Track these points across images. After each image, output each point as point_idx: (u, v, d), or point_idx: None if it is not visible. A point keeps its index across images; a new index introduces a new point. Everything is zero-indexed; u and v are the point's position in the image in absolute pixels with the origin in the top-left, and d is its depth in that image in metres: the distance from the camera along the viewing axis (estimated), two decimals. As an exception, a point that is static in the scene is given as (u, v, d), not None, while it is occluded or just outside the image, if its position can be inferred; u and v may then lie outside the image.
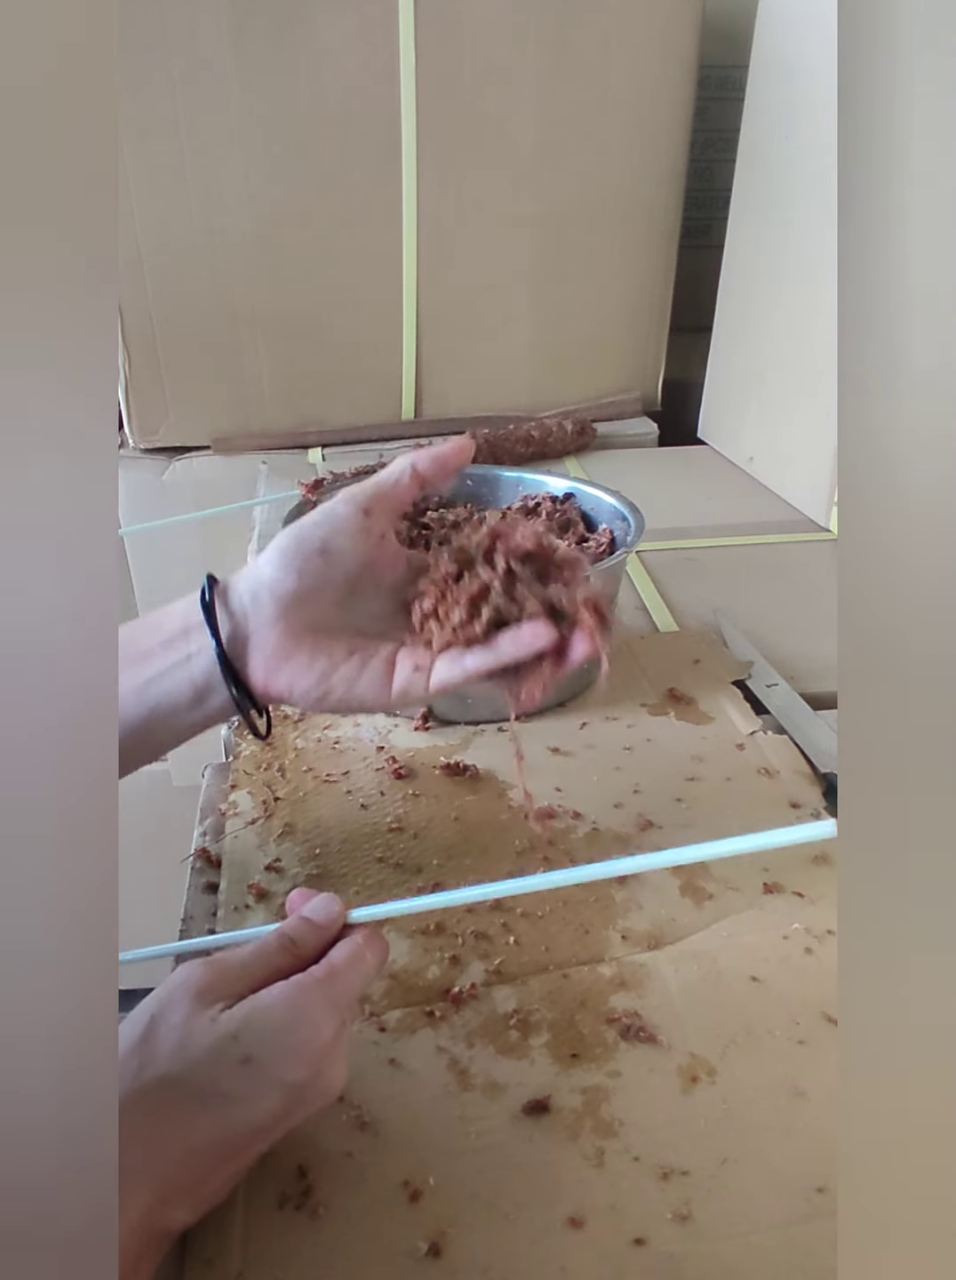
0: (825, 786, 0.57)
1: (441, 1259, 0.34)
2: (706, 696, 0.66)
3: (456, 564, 0.43)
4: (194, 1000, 0.32)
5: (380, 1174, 0.36)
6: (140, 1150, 0.30)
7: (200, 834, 0.55)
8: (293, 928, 0.36)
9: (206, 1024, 0.32)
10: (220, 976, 0.33)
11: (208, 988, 0.33)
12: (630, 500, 0.69)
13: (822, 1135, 0.38)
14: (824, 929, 0.47)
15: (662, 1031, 0.42)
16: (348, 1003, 0.34)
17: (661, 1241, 0.34)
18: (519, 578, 0.42)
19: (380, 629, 0.43)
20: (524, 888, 0.39)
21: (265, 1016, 0.32)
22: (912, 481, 0.24)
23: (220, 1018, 0.32)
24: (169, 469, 1.08)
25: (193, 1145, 0.31)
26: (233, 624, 0.41)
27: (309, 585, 0.41)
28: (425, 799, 0.57)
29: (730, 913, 0.48)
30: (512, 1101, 0.39)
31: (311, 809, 0.56)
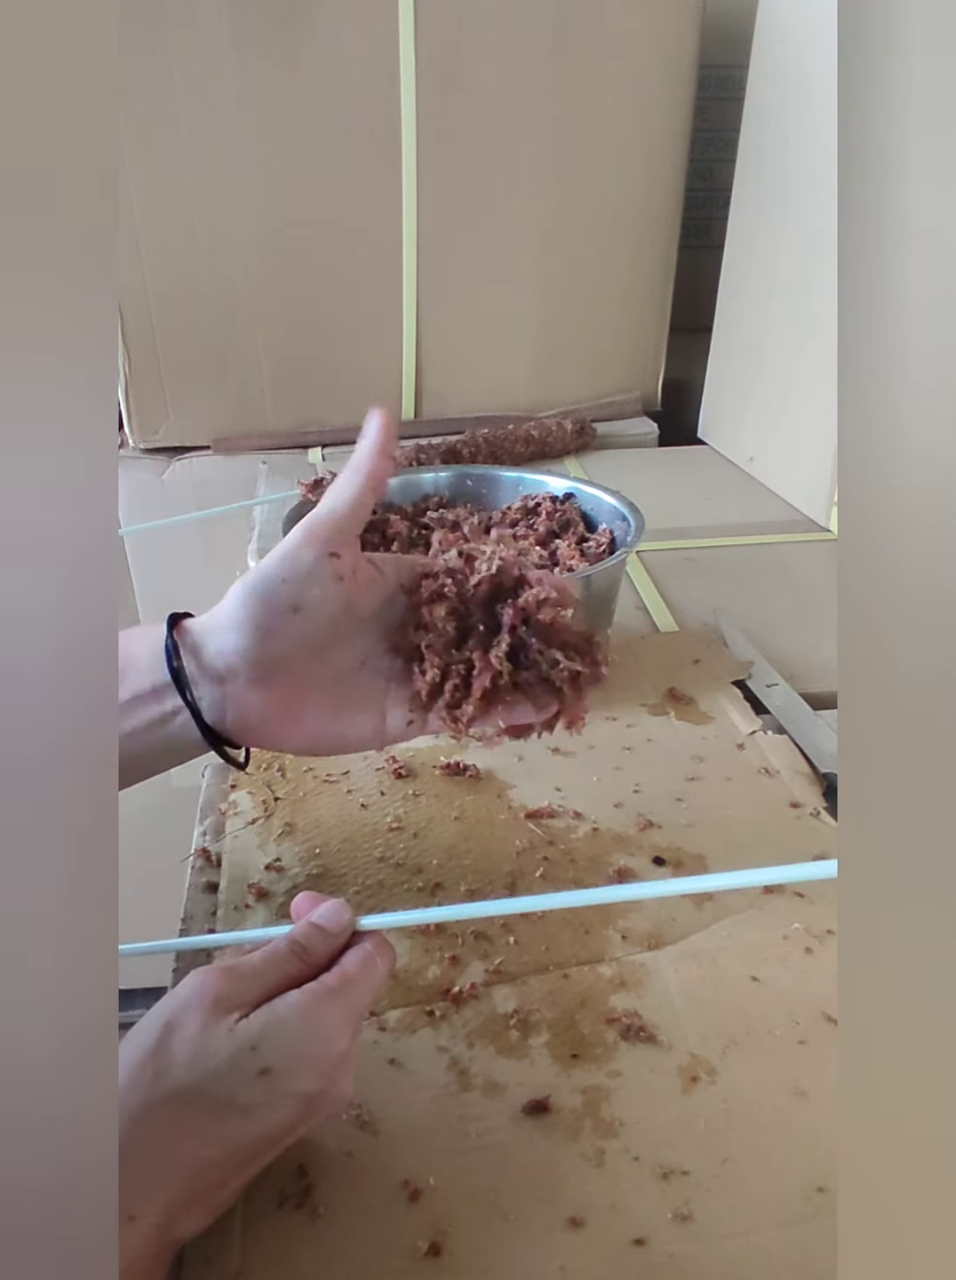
0: (825, 786, 0.57)
1: (441, 1258, 0.34)
2: (706, 696, 0.66)
3: (454, 623, 0.41)
4: (209, 1008, 0.32)
5: (380, 1173, 0.36)
6: (157, 1160, 0.30)
7: (200, 834, 0.55)
8: (303, 934, 0.36)
9: (224, 1034, 0.32)
10: (234, 984, 0.33)
11: (223, 996, 0.33)
12: (630, 500, 0.69)
13: (822, 1135, 0.38)
14: (824, 929, 0.47)
15: (663, 1031, 0.42)
16: (361, 1012, 0.34)
17: (661, 1241, 0.34)
18: (521, 642, 0.40)
19: (364, 663, 0.41)
20: (533, 906, 0.40)
21: (283, 1027, 0.32)
22: (912, 481, 0.24)
23: (237, 1028, 0.32)
24: (169, 469, 1.08)
25: (208, 1155, 0.31)
26: (208, 687, 0.39)
27: (285, 648, 0.39)
28: (425, 799, 0.57)
29: (730, 913, 0.48)
30: (513, 1101, 0.39)
31: (311, 809, 0.56)
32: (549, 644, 0.40)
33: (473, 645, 0.40)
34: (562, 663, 0.40)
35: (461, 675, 0.40)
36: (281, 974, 0.34)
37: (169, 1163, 0.30)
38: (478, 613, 0.41)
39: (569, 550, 0.67)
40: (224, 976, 0.33)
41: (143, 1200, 0.29)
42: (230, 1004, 0.33)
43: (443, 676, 0.40)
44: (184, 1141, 0.31)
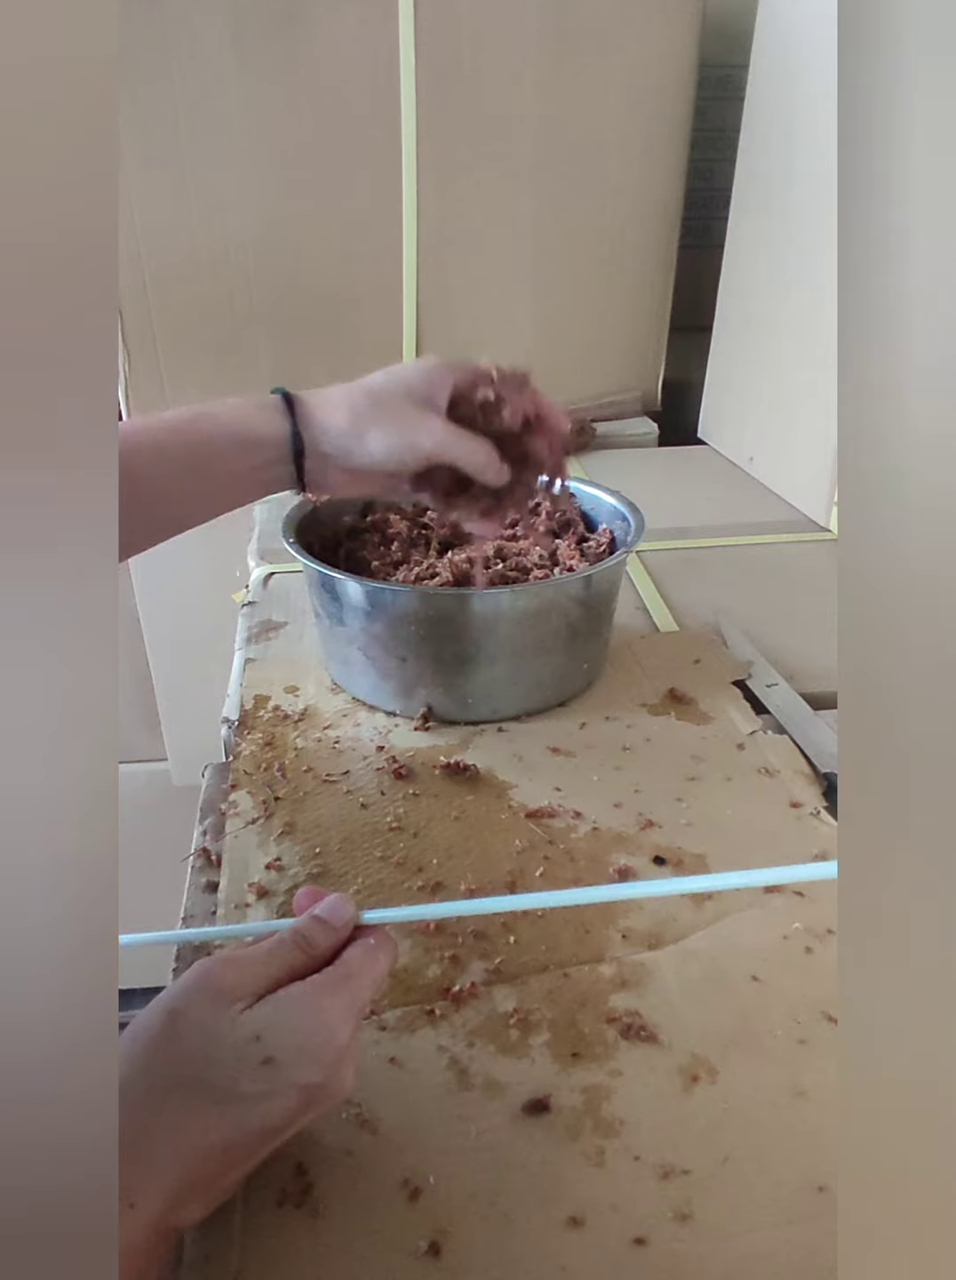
0: (825, 786, 0.57)
1: (441, 1258, 0.34)
2: (706, 696, 0.66)
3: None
4: (214, 998, 0.33)
5: (380, 1172, 0.36)
6: (158, 1147, 0.30)
7: (200, 833, 0.55)
8: (307, 927, 0.36)
9: (228, 1023, 0.32)
10: (238, 974, 0.34)
11: (227, 986, 0.33)
12: (630, 500, 0.69)
13: (822, 1135, 0.38)
14: (824, 928, 0.47)
15: (663, 1031, 0.42)
16: (363, 1006, 0.35)
17: (662, 1241, 0.34)
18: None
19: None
20: (534, 903, 0.40)
21: (286, 1018, 0.33)
22: (912, 481, 0.24)
23: (241, 1018, 0.32)
24: (169, 469, 1.08)
25: (210, 1143, 0.31)
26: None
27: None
28: (425, 798, 0.57)
29: (730, 912, 0.48)
30: (513, 1100, 0.39)
31: (311, 809, 0.56)
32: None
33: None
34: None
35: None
36: (285, 966, 0.34)
37: (170, 1150, 0.30)
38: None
39: (569, 550, 0.67)
40: (229, 966, 0.34)
41: (143, 1187, 0.30)
42: (234, 994, 0.33)
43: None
44: (186, 1129, 0.31)
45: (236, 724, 0.63)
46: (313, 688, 0.68)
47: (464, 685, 0.62)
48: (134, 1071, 0.31)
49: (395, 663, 0.62)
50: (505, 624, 0.60)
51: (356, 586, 0.60)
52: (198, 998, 0.33)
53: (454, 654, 0.61)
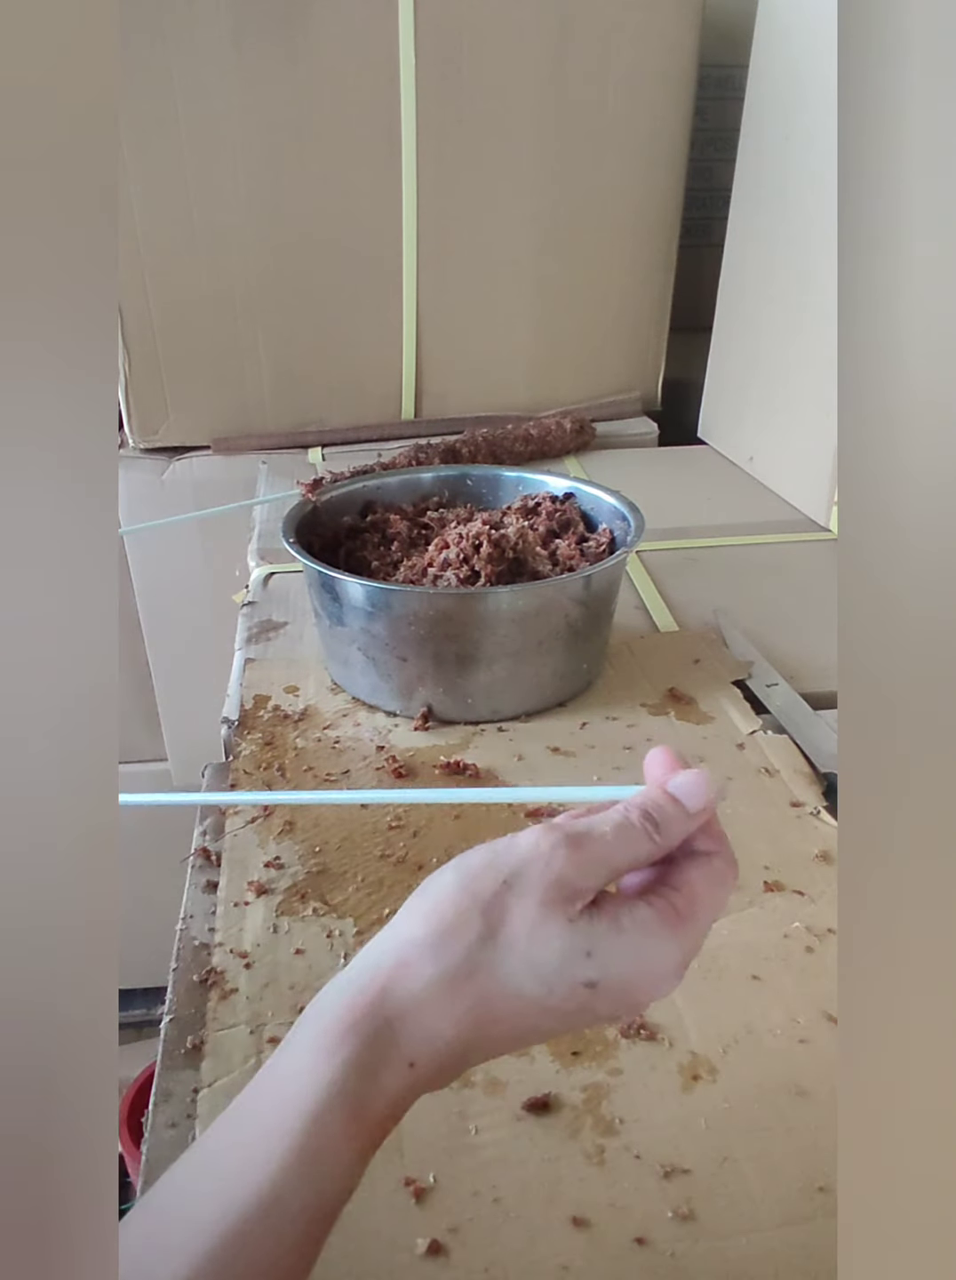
0: (825, 786, 0.57)
1: (442, 1257, 0.34)
2: (706, 696, 0.66)
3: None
4: (553, 886, 0.29)
5: (381, 1171, 0.36)
6: (449, 1025, 0.28)
7: (200, 833, 0.55)
8: (658, 809, 0.32)
9: (563, 925, 0.29)
10: (580, 865, 0.30)
11: (567, 877, 0.30)
12: (630, 500, 0.69)
13: (823, 1135, 0.38)
14: (824, 928, 0.47)
15: (664, 1029, 0.42)
16: (695, 950, 0.31)
17: (662, 1240, 0.34)
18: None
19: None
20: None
21: (624, 946, 0.30)
22: (912, 481, 0.24)
23: (577, 924, 0.29)
24: (169, 469, 1.08)
25: (500, 1034, 0.29)
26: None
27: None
28: (425, 798, 0.57)
29: (731, 911, 0.48)
30: (514, 1099, 0.39)
31: (311, 808, 0.56)
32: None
33: None
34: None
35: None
36: (630, 856, 0.31)
37: (457, 1030, 0.29)
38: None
39: (569, 550, 0.67)
40: (573, 850, 0.30)
41: (425, 1052, 0.28)
42: (573, 889, 0.30)
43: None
44: (479, 1013, 0.29)
45: (236, 724, 0.63)
46: (313, 688, 0.68)
47: (464, 685, 0.62)
48: (453, 928, 0.29)
49: (395, 663, 0.62)
50: (505, 624, 0.60)
51: (356, 586, 0.60)
52: (535, 879, 0.29)
53: (454, 654, 0.61)
